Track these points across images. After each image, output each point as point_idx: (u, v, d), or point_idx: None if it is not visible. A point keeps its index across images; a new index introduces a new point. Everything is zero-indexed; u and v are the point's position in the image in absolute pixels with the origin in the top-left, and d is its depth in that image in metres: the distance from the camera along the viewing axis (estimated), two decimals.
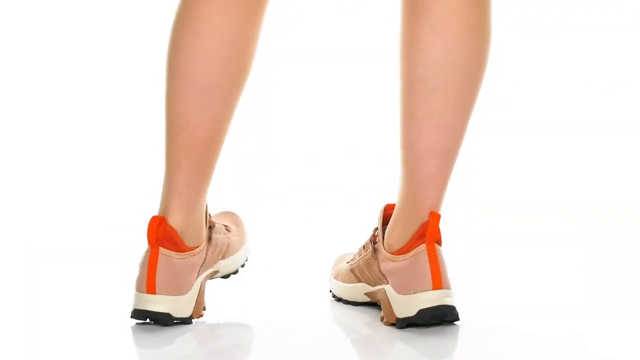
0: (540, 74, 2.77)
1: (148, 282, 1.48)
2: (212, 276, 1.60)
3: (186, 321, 1.50)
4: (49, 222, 2.40)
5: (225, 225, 1.66)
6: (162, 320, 1.48)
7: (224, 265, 1.62)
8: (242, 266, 1.67)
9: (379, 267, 1.53)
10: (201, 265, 1.55)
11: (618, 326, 1.51)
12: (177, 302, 1.49)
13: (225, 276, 1.65)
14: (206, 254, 1.56)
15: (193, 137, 1.49)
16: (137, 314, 1.48)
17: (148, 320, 1.49)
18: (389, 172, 1.62)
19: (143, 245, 1.52)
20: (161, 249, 1.49)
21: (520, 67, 2.75)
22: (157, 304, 1.48)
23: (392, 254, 1.51)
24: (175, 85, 1.49)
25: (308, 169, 2.67)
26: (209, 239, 1.57)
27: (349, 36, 2.71)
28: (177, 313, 1.49)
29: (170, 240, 1.50)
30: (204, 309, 1.55)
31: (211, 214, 1.64)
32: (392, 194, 1.54)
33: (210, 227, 1.58)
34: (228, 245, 1.63)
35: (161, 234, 1.49)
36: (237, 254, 1.65)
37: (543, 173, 2.64)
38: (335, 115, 2.74)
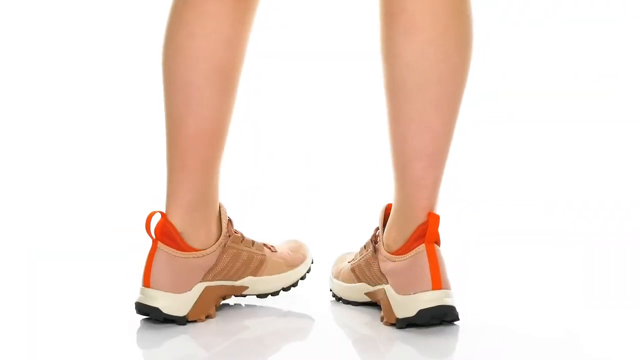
0: (536, 74, 2.77)
1: (144, 275, 1.49)
2: (240, 291, 1.60)
3: (179, 321, 1.50)
4: (49, 222, 2.40)
5: (269, 246, 1.66)
6: (152, 314, 1.49)
7: (255, 282, 1.61)
8: (286, 289, 1.65)
9: (379, 267, 1.54)
10: (209, 270, 1.55)
11: (616, 326, 1.51)
12: (171, 299, 1.49)
13: (262, 295, 1.63)
14: (218, 261, 1.56)
15: (179, 135, 1.51)
16: (135, 306, 1.50)
17: (143, 314, 1.50)
18: (389, 172, 1.62)
19: (143, 245, 1.53)
20: (161, 245, 1.50)
21: (514, 68, 2.76)
22: (149, 297, 1.48)
23: (392, 254, 1.51)
24: (164, 83, 1.52)
25: (309, 169, 2.67)
26: (224, 246, 1.57)
27: (347, 36, 2.71)
28: (168, 310, 1.49)
29: (169, 237, 1.50)
30: (210, 316, 1.54)
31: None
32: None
33: (229, 236, 1.58)
34: (261, 262, 1.62)
35: (159, 229, 1.50)
36: (279, 275, 1.64)
37: (541, 173, 2.64)
38: (336, 115, 2.74)
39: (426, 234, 1.46)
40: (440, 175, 1.49)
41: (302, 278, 1.67)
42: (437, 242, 1.48)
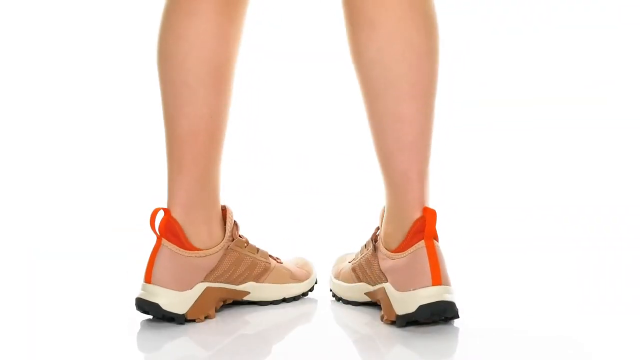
0: (538, 72, 2.78)
1: (146, 271, 1.50)
2: (241, 296, 1.60)
3: (178, 318, 1.50)
4: (49, 222, 2.40)
5: (275, 257, 1.66)
6: (151, 311, 1.49)
7: (256, 288, 1.61)
8: (286, 300, 1.65)
9: (379, 265, 1.53)
10: (211, 271, 1.55)
11: (615, 325, 1.51)
12: (171, 297, 1.49)
13: (262, 303, 1.63)
14: (220, 263, 1.56)
15: (175, 136, 1.52)
16: (135, 302, 1.50)
17: (143, 310, 1.50)
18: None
19: (143, 245, 1.53)
20: (165, 242, 1.50)
21: (516, 66, 2.76)
22: (150, 293, 1.49)
23: (391, 252, 1.51)
24: (159, 85, 1.54)
25: (309, 169, 2.68)
26: (227, 249, 1.57)
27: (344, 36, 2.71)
28: (167, 307, 1.49)
29: (174, 234, 1.51)
30: (209, 317, 1.54)
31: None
32: None
33: (233, 239, 1.58)
34: (265, 270, 1.62)
35: (163, 225, 1.51)
36: (282, 285, 1.64)
37: (541, 173, 2.64)
38: (336, 115, 2.74)
39: (424, 230, 1.46)
40: (426, 168, 1.49)
41: (304, 294, 1.68)
42: (435, 238, 1.47)
